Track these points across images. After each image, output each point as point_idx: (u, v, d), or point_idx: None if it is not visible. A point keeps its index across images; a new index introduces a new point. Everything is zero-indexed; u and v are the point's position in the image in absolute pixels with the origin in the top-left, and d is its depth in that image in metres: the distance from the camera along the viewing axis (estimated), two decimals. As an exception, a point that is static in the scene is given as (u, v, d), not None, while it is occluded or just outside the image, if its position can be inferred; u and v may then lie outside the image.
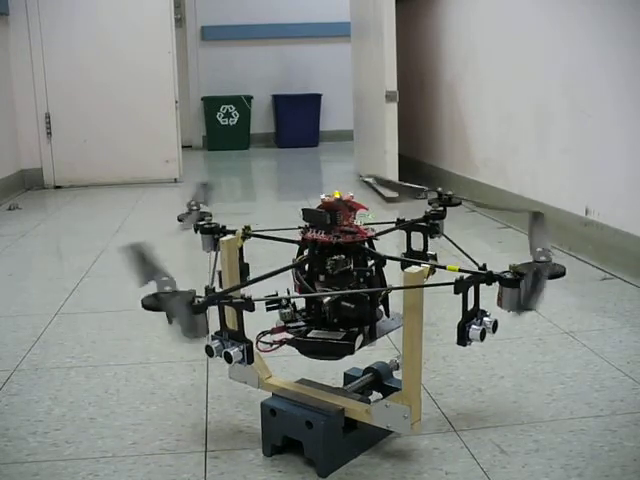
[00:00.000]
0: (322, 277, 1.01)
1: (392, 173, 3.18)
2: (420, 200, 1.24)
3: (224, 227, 1.20)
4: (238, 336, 0.91)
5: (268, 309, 1.04)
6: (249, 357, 0.91)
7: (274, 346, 1.01)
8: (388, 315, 1.06)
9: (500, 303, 0.93)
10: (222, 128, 6.04)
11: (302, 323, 1.04)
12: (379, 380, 1.13)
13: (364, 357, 1.28)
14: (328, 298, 0.98)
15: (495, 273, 0.92)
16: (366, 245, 1.03)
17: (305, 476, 1.01)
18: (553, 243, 2.34)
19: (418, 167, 3.89)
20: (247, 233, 1.15)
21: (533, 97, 2.51)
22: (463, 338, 0.93)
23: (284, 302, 1.04)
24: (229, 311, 0.92)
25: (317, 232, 1.02)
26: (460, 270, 0.93)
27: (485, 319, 0.94)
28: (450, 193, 1.25)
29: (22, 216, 3.21)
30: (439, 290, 0.94)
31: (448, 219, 1.21)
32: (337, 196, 1.01)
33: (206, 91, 6.19)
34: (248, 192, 4.19)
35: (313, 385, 1.10)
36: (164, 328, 1.47)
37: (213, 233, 1.19)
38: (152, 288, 0.89)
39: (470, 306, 0.94)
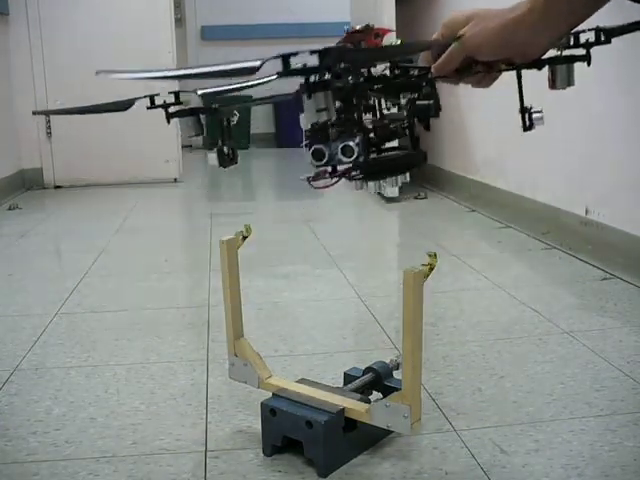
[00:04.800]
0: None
1: (392, 173, 3.17)
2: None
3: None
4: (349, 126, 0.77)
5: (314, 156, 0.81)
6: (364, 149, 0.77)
7: (334, 180, 0.83)
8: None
9: (554, 85, 0.95)
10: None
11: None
12: (379, 380, 1.13)
13: (364, 357, 1.29)
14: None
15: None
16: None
17: (305, 476, 1.01)
18: (553, 243, 2.34)
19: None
20: (246, 235, 1.14)
21: (533, 96, 2.50)
22: (531, 124, 0.94)
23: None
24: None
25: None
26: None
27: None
28: None
29: (22, 216, 3.21)
30: (439, 290, 0.94)
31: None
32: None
33: (206, 91, 6.20)
34: (248, 192, 4.19)
35: (313, 385, 1.10)
36: (164, 328, 1.47)
37: (194, 114, 0.96)
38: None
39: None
